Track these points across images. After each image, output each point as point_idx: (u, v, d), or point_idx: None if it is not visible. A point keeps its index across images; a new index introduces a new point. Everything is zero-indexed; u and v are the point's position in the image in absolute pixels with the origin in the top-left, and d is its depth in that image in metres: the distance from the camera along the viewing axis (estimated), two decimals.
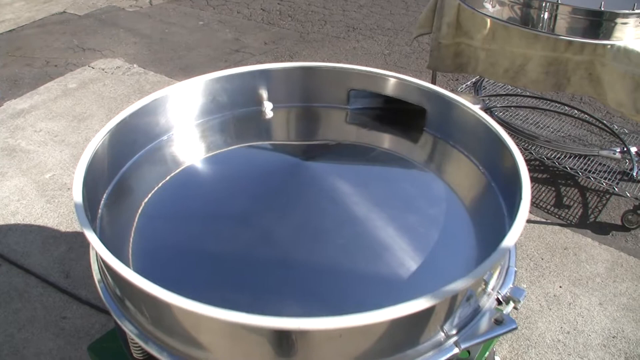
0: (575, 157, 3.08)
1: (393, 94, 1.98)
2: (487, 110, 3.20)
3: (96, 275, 1.49)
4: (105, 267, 1.41)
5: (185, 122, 1.96)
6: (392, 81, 1.96)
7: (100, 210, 1.60)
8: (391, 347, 1.23)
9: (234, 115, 2.04)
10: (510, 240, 1.28)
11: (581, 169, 2.96)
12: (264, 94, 2.06)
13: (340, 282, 1.42)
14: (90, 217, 1.41)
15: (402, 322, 1.15)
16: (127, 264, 1.44)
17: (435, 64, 3.02)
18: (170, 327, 1.26)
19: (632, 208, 2.80)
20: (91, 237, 1.27)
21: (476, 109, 1.76)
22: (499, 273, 1.40)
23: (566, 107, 3.48)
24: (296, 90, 2.07)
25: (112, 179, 1.72)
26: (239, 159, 1.88)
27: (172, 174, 1.77)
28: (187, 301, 1.12)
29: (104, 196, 1.66)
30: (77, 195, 1.39)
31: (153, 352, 1.31)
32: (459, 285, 1.16)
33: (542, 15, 2.48)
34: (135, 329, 1.35)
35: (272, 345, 1.18)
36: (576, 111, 3.44)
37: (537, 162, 3.23)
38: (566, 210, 2.94)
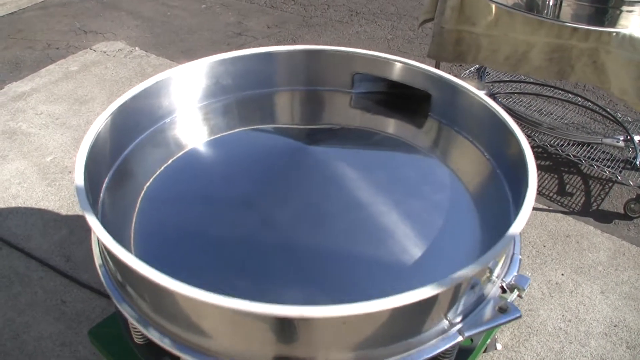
0: (578, 144, 3.06)
1: (398, 78, 1.97)
2: (491, 96, 3.18)
3: (97, 260, 1.48)
4: (106, 252, 1.40)
5: (188, 104, 1.95)
6: (397, 65, 1.94)
7: (102, 194, 1.59)
8: (394, 335, 1.22)
9: (238, 98, 2.03)
10: (516, 227, 1.27)
11: (584, 156, 2.94)
12: (269, 77, 2.04)
13: (343, 268, 1.42)
14: (92, 201, 1.40)
15: (407, 310, 1.15)
16: (128, 248, 1.44)
17: (437, 50, 2.97)
18: (171, 313, 1.25)
19: (634, 197, 2.79)
20: (92, 221, 1.26)
21: (482, 94, 1.74)
22: (504, 261, 1.39)
23: (570, 95, 3.45)
24: (300, 73, 2.05)
25: (114, 162, 1.71)
26: (242, 142, 1.87)
27: (175, 157, 1.76)
28: (189, 288, 1.11)
29: (106, 180, 1.64)
30: (79, 179, 1.38)
31: (154, 338, 1.30)
32: (465, 273, 1.15)
33: (547, 2, 2.45)
34: (136, 314, 1.34)
35: (274, 331, 1.18)
36: (580, 99, 3.42)
37: (540, 150, 3.22)
38: (569, 198, 2.93)
